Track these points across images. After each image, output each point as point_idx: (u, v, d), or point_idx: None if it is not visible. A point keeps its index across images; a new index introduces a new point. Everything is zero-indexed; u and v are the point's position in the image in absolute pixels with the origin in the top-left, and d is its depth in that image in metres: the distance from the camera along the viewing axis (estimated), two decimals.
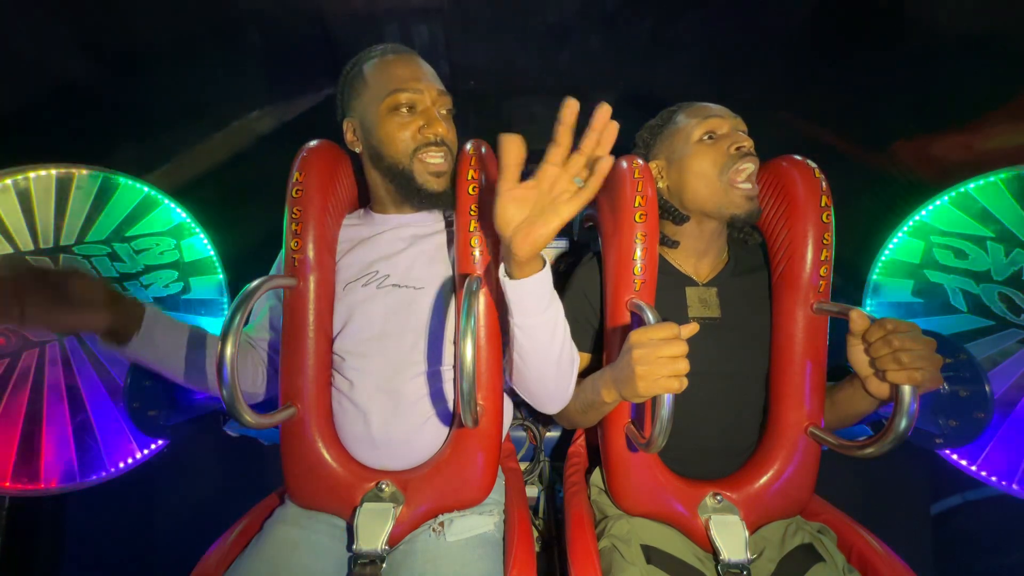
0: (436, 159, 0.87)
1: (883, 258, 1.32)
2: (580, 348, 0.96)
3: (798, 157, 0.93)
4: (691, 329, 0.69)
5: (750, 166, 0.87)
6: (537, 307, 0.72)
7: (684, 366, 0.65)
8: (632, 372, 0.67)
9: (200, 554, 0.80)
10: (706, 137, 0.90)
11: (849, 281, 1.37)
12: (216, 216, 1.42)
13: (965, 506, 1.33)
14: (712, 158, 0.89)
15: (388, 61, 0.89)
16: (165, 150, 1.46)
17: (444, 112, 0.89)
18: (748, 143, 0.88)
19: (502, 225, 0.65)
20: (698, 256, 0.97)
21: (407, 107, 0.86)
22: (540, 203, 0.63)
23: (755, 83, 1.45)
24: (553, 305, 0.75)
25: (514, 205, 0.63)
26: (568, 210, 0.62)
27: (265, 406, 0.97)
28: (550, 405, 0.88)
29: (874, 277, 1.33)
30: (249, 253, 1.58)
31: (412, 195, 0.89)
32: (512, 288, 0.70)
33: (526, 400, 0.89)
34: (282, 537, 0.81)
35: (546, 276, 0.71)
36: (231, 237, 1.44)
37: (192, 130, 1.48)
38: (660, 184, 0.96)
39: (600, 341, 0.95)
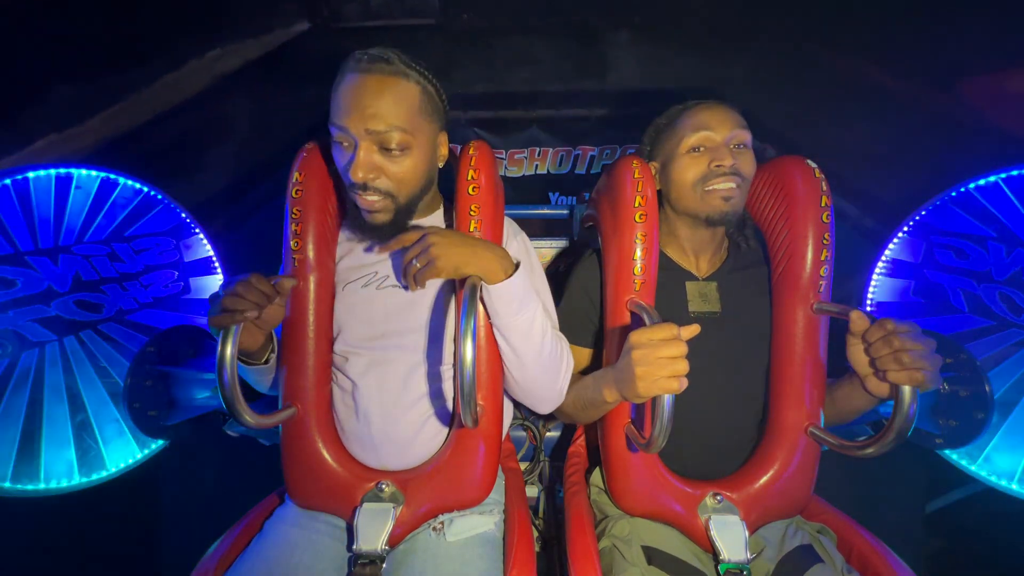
0: (366, 200, 0.79)
1: (883, 258, 1.32)
2: (581, 344, 0.97)
3: (798, 157, 0.93)
4: (691, 330, 0.69)
5: (724, 186, 0.86)
6: (508, 310, 0.78)
7: (684, 367, 0.66)
8: (632, 373, 0.68)
9: (200, 554, 0.80)
10: (696, 149, 0.89)
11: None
12: (166, 165, 1.29)
13: (961, 503, 1.33)
14: (694, 171, 0.89)
15: (340, 83, 0.77)
16: (107, 90, 1.23)
17: (388, 148, 0.76)
18: (729, 162, 0.86)
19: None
20: (697, 253, 0.97)
21: (343, 141, 0.78)
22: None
23: (791, 12, 1.21)
24: (527, 309, 0.79)
25: None
26: None
27: (265, 406, 0.97)
28: (540, 405, 0.89)
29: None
30: (250, 254, 1.58)
31: (361, 222, 0.84)
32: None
33: (518, 400, 0.90)
34: (282, 537, 0.81)
35: (515, 282, 0.76)
36: (183, 189, 1.32)
37: (138, 69, 1.22)
38: (657, 186, 0.96)
39: (601, 337, 0.95)
